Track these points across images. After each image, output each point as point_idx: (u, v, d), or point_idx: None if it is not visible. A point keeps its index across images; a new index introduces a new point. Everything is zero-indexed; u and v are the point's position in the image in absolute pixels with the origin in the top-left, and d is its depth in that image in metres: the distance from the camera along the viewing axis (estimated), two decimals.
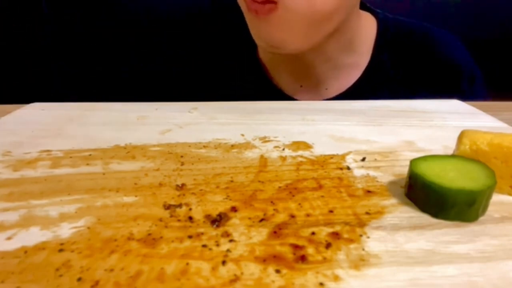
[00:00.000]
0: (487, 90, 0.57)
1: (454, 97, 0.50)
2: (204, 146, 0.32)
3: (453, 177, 0.22)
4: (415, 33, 0.56)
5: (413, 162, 0.24)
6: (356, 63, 0.54)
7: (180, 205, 0.23)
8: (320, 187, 0.25)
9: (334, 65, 0.52)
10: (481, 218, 0.22)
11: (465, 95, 0.55)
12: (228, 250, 0.19)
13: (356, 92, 0.53)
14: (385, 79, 0.54)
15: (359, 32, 0.52)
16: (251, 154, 0.30)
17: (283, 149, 0.31)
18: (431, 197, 0.22)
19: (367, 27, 0.54)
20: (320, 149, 0.31)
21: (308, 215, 0.22)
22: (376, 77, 0.54)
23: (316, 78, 0.53)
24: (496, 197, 0.24)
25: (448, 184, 0.21)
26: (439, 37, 0.57)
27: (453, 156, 0.25)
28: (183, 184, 0.26)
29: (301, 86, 0.55)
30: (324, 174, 0.27)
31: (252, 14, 0.42)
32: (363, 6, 0.55)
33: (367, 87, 0.53)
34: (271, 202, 0.24)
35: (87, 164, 0.29)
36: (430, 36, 0.56)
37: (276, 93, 0.55)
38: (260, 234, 0.21)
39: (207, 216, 0.22)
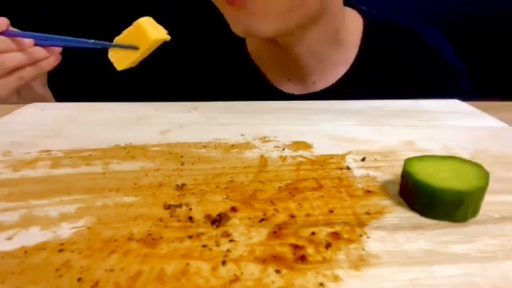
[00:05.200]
0: (490, 89, 0.58)
1: (443, 94, 0.50)
2: (204, 146, 0.32)
3: (444, 177, 0.22)
4: (403, 31, 0.56)
5: (407, 161, 0.24)
6: (343, 59, 0.55)
7: (180, 205, 0.23)
8: (320, 187, 0.25)
9: (320, 59, 0.53)
10: (481, 218, 0.22)
11: (451, 92, 0.56)
12: (228, 250, 0.19)
13: (342, 86, 0.54)
14: (373, 76, 0.54)
15: (345, 27, 0.53)
16: (251, 154, 0.30)
17: (283, 149, 0.31)
18: (420, 196, 0.22)
19: (353, 23, 0.55)
20: (320, 149, 0.31)
21: (308, 215, 0.22)
22: (363, 73, 0.54)
23: (303, 71, 0.55)
24: (496, 197, 0.24)
25: (436, 184, 0.21)
26: (428, 36, 0.57)
27: (451, 156, 0.25)
28: (183, 184, 0.26)
29: (289, 79, 0.56)
30: (324, 174, 0.27)
31: (228, 5, 0.43)
32: (348, 4, 0.55)
33: (354, 83, 0.54)
34: (271, 202, 0.24)
35: (87, 164, 0.29)
36: (419, 35, 0.57)
37: (267, 88, 0.56)
38: (260, 234, 0.21)
39: (207, 216, 0.22)
